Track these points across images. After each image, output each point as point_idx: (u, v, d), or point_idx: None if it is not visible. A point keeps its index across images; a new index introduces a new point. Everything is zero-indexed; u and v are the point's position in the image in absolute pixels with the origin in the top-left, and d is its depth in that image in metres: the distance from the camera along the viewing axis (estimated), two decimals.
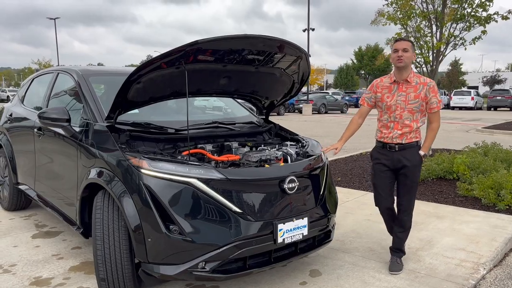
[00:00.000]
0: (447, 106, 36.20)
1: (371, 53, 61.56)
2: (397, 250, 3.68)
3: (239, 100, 4.58)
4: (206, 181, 2.77)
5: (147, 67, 2.94)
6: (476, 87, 43.15)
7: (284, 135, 4.09)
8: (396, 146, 3.49)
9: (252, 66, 3.47)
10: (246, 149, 3.76)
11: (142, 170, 2.79)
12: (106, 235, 2.91)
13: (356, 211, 5.31)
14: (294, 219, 3.02)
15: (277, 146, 3.86)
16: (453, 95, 36.44)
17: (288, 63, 3.61)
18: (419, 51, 8.37)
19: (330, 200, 3.48)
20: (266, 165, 3.18)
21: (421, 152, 3.53)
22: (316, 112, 28.71)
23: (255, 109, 4.88)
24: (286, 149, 3.67)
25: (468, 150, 7.35)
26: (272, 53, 3.35)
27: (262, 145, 3.84)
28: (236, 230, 2.78)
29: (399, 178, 3.56)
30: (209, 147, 3.47)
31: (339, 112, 30.49)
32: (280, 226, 2.93)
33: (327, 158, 3.68)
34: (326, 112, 29.59)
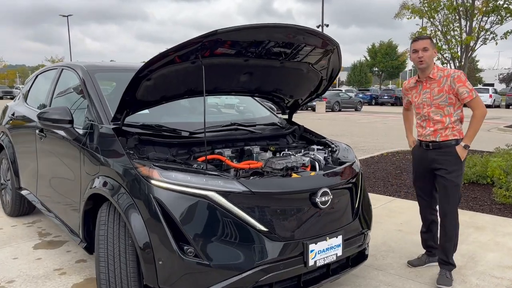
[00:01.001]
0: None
1: (384, 50, 60.53)
2: (444, 262, 3.33)
3: (257, 98, 4.17)
4: (226, 195, 2.37)
5: (158, 62, 2.55)
6: (491, 85, 42.05)
7: (309, 138, 3.68)
8: (430, 144, 3.32)
9: (277, 61, 3.06)
10: (269, 154, 3.36)
11: (152, 181, 2.40)
12: (111, 255, 2.53)
13: (385, 219, 4.87)
14: (327, 238, 2.61)
15: (302, 150, 3.45)
16: None
17: (317, 57, 3.19)
18: (446, 46, 7.88)
19: (366, 214, 3.06)
20: (294, 174, 2.78)
21: (462, 144, 3.25)
22: (330, 110, 28.17)
23: (275, 108, 4.48)
24: (313, 154, 3.26)
25: (502, 152, 6.83)
26: (300, 46, 2.93)
27: (286, 150, 3.44)
28: (261, 252, 2.38)
29: (437, 179, 3.34)
30: (227, 152, 3.08)
31: (353, 109, 29.91)
32: (311, 246, 2.53)
33: (360, 165, 3.25)
34: (340, 110, 29.03)
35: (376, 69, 63.00)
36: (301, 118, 22.37)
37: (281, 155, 3.36)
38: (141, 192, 2.44)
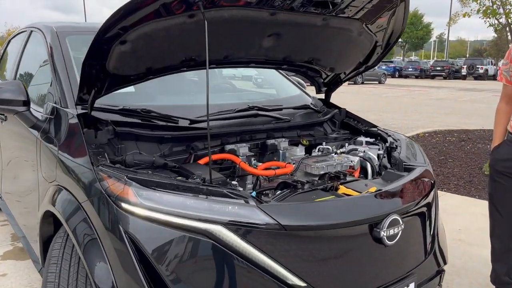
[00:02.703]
0: (494, 77, 33.48)
1: (409, 19, 57.92)
2: None
3: (283, 71, 3.20)
4: (240, 231, 1.47)
5: (134, 14, 1.61)
6: None
7: (355, 126, 2.71)
8: None
9: (319, 16, 2.07)
10: (300, 150, 2.43)
11: (124, 205, 1.51)
12: None
13: None
14: None
15: (346, 144, 2.51)
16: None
17: (375, 14, 2.19)
18: (502, 10, 6.69)
19: (442, 242, 2.13)
20: (343, 188, 1.85)
21: None
22: (352, 83, 26.75)
23: (304, 84, 3.50)
24: (363, 151, 2.32)
25: None
26: None
27: (324, 143, 2.50)
28: None
29: None
30: (243, 149, 2.17)
31: (377, 82, 28.46)
32: None
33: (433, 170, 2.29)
34: (362, 83, 27.63)
35: (400, 39, 60.53)
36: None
37: (317, 151, 2.42)
38: (108, 221, 1.55)
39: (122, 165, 1.79)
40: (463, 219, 4.01)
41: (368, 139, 2.58)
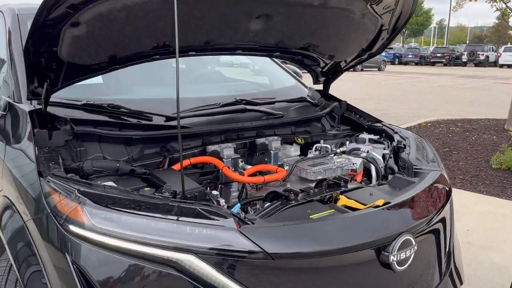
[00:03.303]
0: (495, 64, 33.05)
1: None
2: None
3: (276, 59, 2.88)
4: (216, 260, 1.17)
5: None
6: None
7: (356, 121, 2.41)
8: None
9: None
10: (295, 149, 2.13)
11: (74, 229, 1.21)
12: None
13: None
14: None
15: (347, 143, 2.21)
16: (503, 51, 33.09)
17: None
18: None
19: (457, 260, 1.85)
20: (344, 199, 1.56)
21: None
22: (352, 70, 26.35)
23: (300, 73, 3.18)
24: (366, 150, 2.03)
25: None
26: None
27: (322, 141, 2.21)
28: None
29: None
30: (227, 150, 1.87)
31: (377, 69, 28.00)
32: None
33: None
34: (362, 70, 27.16)
35: None
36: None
37: (314, 151, 2.13)
38: (54, 247, 1.25)
39: (79, 173, 1.49)
40: (471, 219, 3.72)
41: (371, 136, 2.28)
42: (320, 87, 2.67)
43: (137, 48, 1.66)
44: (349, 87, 16.11)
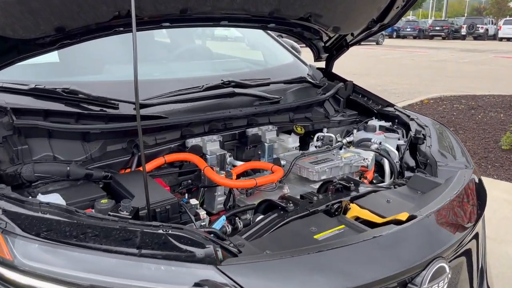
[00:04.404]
0: (494, 37, 32.49)
1: None
2: None
3: (271, 32, 2.51)
4: None
5: None
6: None
7: (364, 105, 2.07)
8: None
9: None
10: (293, 141, 1.80)
11: None
12: None
13: None
14: None
15: (355, 132, 1.88)
16: (503, 24, 32.47)
17: None
18: None
19: (490, 280, 1.55)
20: (355, 208, 1.24)
21: None
22: None
23: (299, 49, 2.83)
24: (379, 141, 1.71)
25: None
26: None
27: (325, 130, 1.87)
28: None
29: None
30: (211, 144, 1.54)
31: (374, 43, 27.42)
32: None
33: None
34: (359, 44, 26.63)
35: None
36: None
37: (316, 142, 1.80)
38: None
39: (17, 181, 1.16)
40: (487, 209, 3.43)
41: (382, 122, 1.95)
42: (322, 64, 2.31)
43: (91, 18, 1.29)
44: (346, 62, 15.65)
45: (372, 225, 1.19)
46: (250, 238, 1.12)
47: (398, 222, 1.14)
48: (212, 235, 1.02)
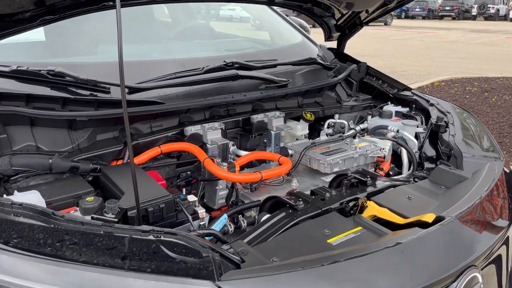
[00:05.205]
0: (505, 18, 31.77)
1: None
2: None
3: (277, 9, 2.35)
4: None
5: None
6: None
7: (378, 88, 1.91)
8: None
9: None
10: (302, 129, 1.66)
11: None
12: None
13: None
14: None
15: (369, 118, 1.73)
16: None
17: None
18: None
19: None
20: (372, 206, 1.10)
21: None
22: None
23: (308, 28, 2.66)
24: (396, 129, 1.56)
25: None
26: None
27: (337, 116, 1.73)
28: None
29: None
30: (212, 133, 1.40)
31: (383, 24, 26.89)
32: None
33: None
34: (367, 24, 26.11)
35: None
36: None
37: (327, 129, 1.65)
38: None
39: None
40: None
41: (399, 108, 1.79)
42: (333, 44, 2.15)
43: None
44: (354, 44, 15.33)
45: (392, 226, 1.05)
46: (255, 241, 0.99)
47: (423, 225, 1.00)
48: (211, 238, 0.89)
